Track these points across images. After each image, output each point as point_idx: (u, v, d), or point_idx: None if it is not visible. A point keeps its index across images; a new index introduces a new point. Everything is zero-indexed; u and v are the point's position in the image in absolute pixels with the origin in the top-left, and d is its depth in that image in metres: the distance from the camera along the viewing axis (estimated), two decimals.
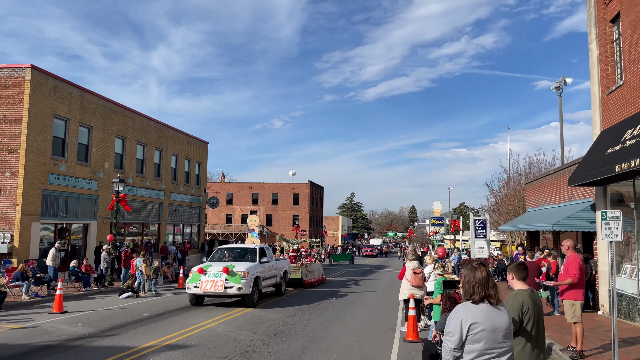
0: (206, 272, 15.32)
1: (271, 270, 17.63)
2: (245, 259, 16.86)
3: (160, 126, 31.67)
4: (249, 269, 15.44)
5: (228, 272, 15.08)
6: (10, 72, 20.54)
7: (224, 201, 74.00)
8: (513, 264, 4.98)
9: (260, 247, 17.86)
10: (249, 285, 15.10)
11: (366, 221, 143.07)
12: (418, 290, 11.38)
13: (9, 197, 20.10)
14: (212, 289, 14.87)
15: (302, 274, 21.93)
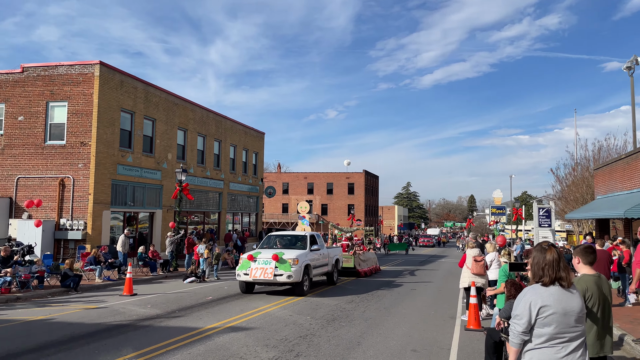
0: (256, 259, 14.94)
1: (322, 259, 17.15)
2: (296, 246, 16.32)
3: (219, 118, 32.54)
4: (299, 257, 14.95)
5: (277, 259, 14.63)
6: (80, 69, 21.74)
7: (280, 191, 75.15)
8: (580, 246, 4.74)
9: (310, 234, 17.29)
10: (298, 273, 14.68)
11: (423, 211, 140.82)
12: (479, 278, 11.10)
13: (82, 187, 21.39)
14: (261, 277, 14.54)
15: (355, 262, 21.34)
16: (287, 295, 14.96)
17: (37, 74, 22.19)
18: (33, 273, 15.39)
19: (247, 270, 14.83)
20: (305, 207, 25.65)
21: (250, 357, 8.04)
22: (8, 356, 7.93)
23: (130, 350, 8.33)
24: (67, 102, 21.73)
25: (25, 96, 22.19)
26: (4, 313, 11.85)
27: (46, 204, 21.38)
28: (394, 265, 29.93)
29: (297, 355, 8.16)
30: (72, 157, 21.53)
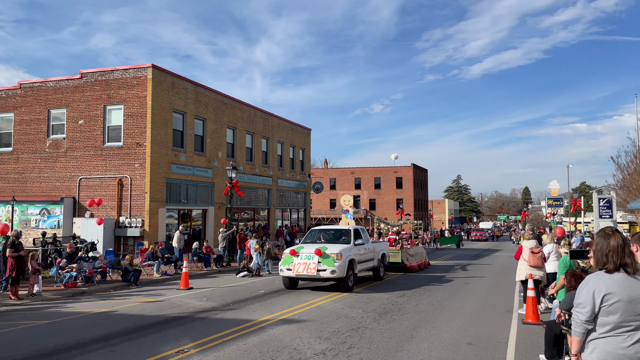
0: (298, 254, 14.57)
1: (367, 253, 16.59)
2: (339, 241, 15.91)
3: (266, 115, 33.01)
4: (342, 251, 14.45)
5: (320, 254, 14.20)
6: (134, 73, 22.64)
7: (328, 186, 75.39)
8: (638, 234, 4.48)
9: (354, 228, 16.75)
10: (342, 268, 14.16)
11: (474, 204, 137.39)
12: (537, 271, 10.73)
13: (139, 186, 22.30)
14: (304, 272, 14.13)
15: (403, 257, 20.64)
16: (333, 291, 14.68)
17: (94, 79, 23.29)
18: (96, 268, 16.22)
19: (290, 265, 14.51)
20: (349, 200, 24.51)
21: (304, 348, 8.14)
22: (77, 345, 8.40)
23: (189, 341, 8.63)
24: (122, 105, 22.69)
25: (85, 101, 23.35)
26: (71, 306, 12.56)
27: (106, 202, 22.44)
28: (446, 259, 29.39)
29: (350, 347, 8.19)
30: (129, 158, 22.48)
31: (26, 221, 23.54)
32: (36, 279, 13.93)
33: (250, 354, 7.80)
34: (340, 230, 16.90)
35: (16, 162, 24.58)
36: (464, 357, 7.62)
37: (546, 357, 7.11)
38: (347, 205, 24.51)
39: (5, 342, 8.71)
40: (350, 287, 14.65)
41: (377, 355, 7.71)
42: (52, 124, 24.06)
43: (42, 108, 24.17)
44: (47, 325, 10.15)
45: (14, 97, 24.77)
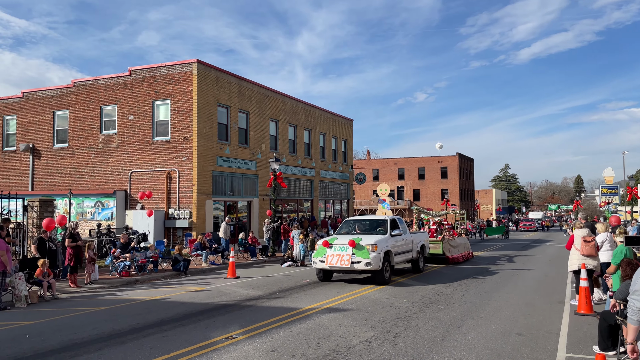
0: (332, 246, 14.05)
1: (405, 245, 15.93)
2: (375, 231, 15.27)
3: (308, 107, 33.14)
4: (378, 243, 13.81)
5: (355, 245, 13.64)
6: (180, 68, 23.23)
7: (370, 177, 75.02)
8: None
9: (391, 218, 15.99)
10: (378, 260, 13.55)
11: (523, 194, 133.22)
12: (590, 260, 10.33)
13: (186, 179, 22.95)
14: (337, 264, 13.62)
15: (444, 248, 19.84)
16: (369, 284, 14.12)
17: (142, 75, 24.07)
18: (148, 258, 16.86)
19: (323, 257, 14.00)
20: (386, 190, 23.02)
21: (349, 336, 8.20)
22: (132, 330, 8.81)
23: (237, 327, 8.87)
24: (169, 100, 23.36)
25: (134, 97, 24.19)
26: (125, 293, 13.14)
27: (156, 195, 23.24)
28: (492, 250, 28.72)
29: (396, 336, 8.18)
30: (177, 152, 23.15)
31: (82, 213, 24.72)
32: (92, 268, 14.64)
33: (297, 340, 7.93)
34: (377, 220, 16.24)
35: (72, 157, 25.80)
36: (513, 348, 7.47)
37: (600, 349, 6.87)
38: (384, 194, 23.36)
39: (67, 326, 9.23)
40: (387, 279, 14.04)
41: (423, 344, 7.67)
42: (104, 120, 25.07)
43: (94, 105, 25.22)
44: (104, 311, 10.67)
45: (69, 95, 25.96)
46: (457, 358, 6.94)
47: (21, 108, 27.33)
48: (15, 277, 11.64)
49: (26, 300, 11.63)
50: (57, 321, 9.70)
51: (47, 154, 26.55)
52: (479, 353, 7.19)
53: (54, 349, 7.62)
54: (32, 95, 27.08)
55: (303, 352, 7.29)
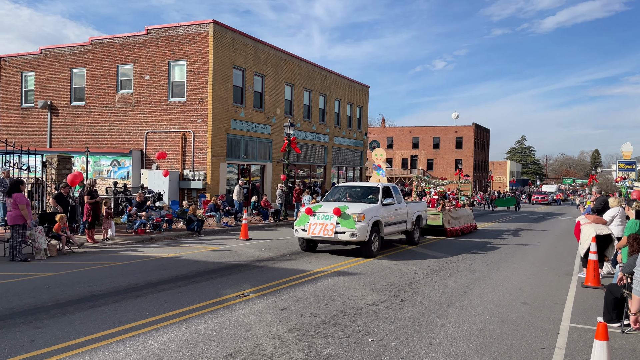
0: (315, 214, 12.93)
1: (399, 215, 14.74)
2: (366, 199, 14.15)
3: (324, 72, 32.79)
4: (366, 212, 12.73)
5: (340, 214, 12.51)
6: (196, 29, 23.04)
7: (384, 145, 74.62)
8: None
9: (384, 186, 14.72)
10: (364, 231, 12.47)
11: (538, 166, 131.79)
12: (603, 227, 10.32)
13: (201, 141, 23.11)
14: (320, 234, 12.56)
15: (444, 220, 18.60)
16: (355, 256, 13.02)
17: (159, 35, 23.94)
18: (163, 217, 17.22)
19: (305, 225, 12.90)
20: (381, 154, 20.29)
21: (357, 298, 8.41)
22: (148, 285, 9.12)
23: (249, 286, 9.14)
24: (185, 61, 23.28)
25: (150, 57, 24.13)
26: (141, 250, 13.51)
27: (171, 156, 23.49)
28: (502, 222, 28.70)
29: (403, 300, 8.37)
30: (192, 113, 23.24)
31: (99, 171, 25.14)
32: (109, 224, 15.02)
33: (306, 301, 8.16)
34: (368, 187, 15.00)
35: (89, 116, 26.05)
36: (517, 315, 7.62)
37: (604, 320, 6.97)
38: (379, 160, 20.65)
39: (85, 279, 9.58)
40: (374, 252, 13.03)
41: (429, 309, 7.85)
42: (120, 79, 25.14)
43: (111, 64, 25.24)
44: (120, 266, 11.03)
45: (86, 53, 25.99)
46: (461, 323, 7.11)
47: (39, 65, 27.48)
48: (35, 231, 12.02)
49: (45, 253, 12.04)
50: (75, 274, 10.07)
51: (65, 111, 26.83)
52: (483, 319, 7.35)
53: (72, 299, 7.95)
54: (50, 52, 27.16)
55: (312, 311, 7.52)
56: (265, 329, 6.58)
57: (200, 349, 5.79)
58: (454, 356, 5.79)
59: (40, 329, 6.35)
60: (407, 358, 5.70)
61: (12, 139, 24.47)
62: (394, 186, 15.25)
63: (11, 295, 8.07)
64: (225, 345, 5.93)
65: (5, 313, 7.05)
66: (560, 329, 6.99)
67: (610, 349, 4.58)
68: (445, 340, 6.36)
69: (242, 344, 5.99)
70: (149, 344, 5.92)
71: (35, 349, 5.63)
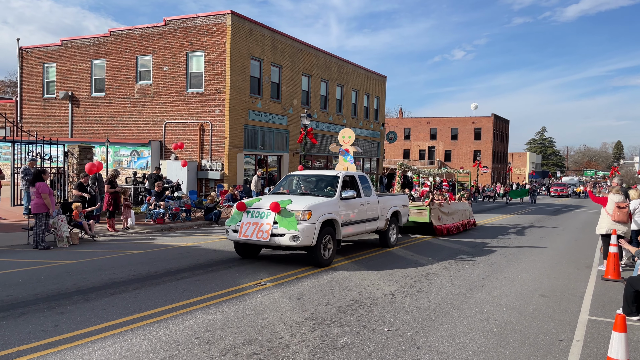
0: (249, 210, 10.30)
1: (366, 211, 11.96)
2: (321, 192, 11.49)
3: (341, 62, 32.63)
4: (314, 208, 10.02)
5: (279, 210, 9.85)
6: (214, 19, 23.11)
7: (402, 136, 74.24)
8: None
9: (345, 174, 11.94)
10: (310, 232, 9.74)
11: (559, 158, 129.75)
12: (621, 226, 10.19)
13: (219, 132, 23.27)
14: (253, 236, 9.89)
15: (432, 216, 15.79)
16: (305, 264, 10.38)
17: (177, 26, 24.07)
18: (181, 206, 17.44)
19: (237, 225, 10.29)
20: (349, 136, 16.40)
21: (373, 289, 8.44)
22: (167, 273, 9.28)
23: (266, 275, 9.24)
24: (203, 52, 23.39)
25: (168, 48, 24.30)
26: (160, 239, 13.73)
27: (189, 146, 23.71)
28: (520, 214, 28.35)
29: (419, 291, 8.38)
30: (210, 104, 23.38)
31: (119, 161, 25.51)
32: (129, 214, 15.27)
33: (322, 290, 8.22)
34: (326, 177, 12.07)
35: (109, 107, 26.40)
36: (535, 308, 7.56)
37: (624, 313, 6.88)
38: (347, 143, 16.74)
39: (106, 266, 9.78)
40: (326, 259, 10.25)
41: (445, 300, 7.84)
42: (139, 70, 25.38)
43: (130, 55, 25.49)
44: (140, 254, 11.23)
45: (106, 45, 26.28)
46: (478, 314, 7.09)
47: (60, 56, 27.88)
48: (57, 219, 12.29)
49: (68, 241, 12.31)
50: (96, 261, 10.28)
51: (85, 102, 27.22)
52: (500, 311, 7.32)
53: (94, 286, 8.13)
54: (71, 44, 27.53)
55: (328, 301, 7.57)
56: (281, 318, 6.66)
57: (218, 335, 5.89)
58: (470, 347, 5.79)
59: (64, 315, 6.52)
60: (423, 348, 5.72)
61: (34, 129, 24.96)
62: (361, 175, 12.59)
63: (35, 282, 8.29)
64: (242, 332, 6.02)
65: (29, 299, 7.25)
66: (579, 322, 6.93)
67: (629, 342, 4.53)
68: (462, 331, 6.36)
69: (259, 331, 6.08)
70: (169, 330, 6.04)
71: (58, 333, 5.79)
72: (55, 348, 5.34)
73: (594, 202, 10.96)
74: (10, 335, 5.67)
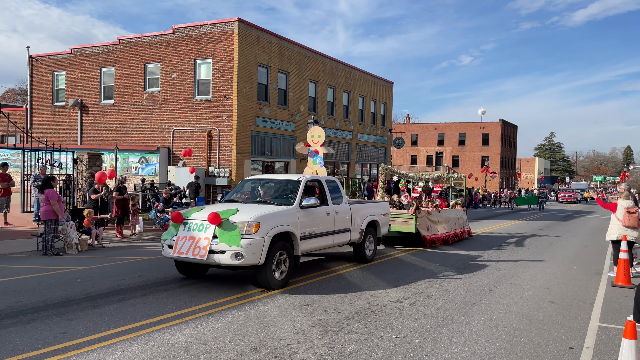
0: (186, 222, 8.73)
1: (335, 221, 10.30)
2: (280, 199, 9.84)
3: (348, 69, 32.71)
4: (263, 219, 8.36)
5: (219, 222, 8.25)
6: (222, 27, 23.27)
7: (409, 142, 74.11)
8: None
9: (309, 179, 10.24)
10: (257, 249, 8.12)
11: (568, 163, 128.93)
12: (632, 232, 10.08)
13: (226, 138, 23.36)
14: (189, 254, 8.29)
15: (419, 225, 14.34)
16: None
17: (185, 34, 24.27)
18: None
19: (173, 239, 8.75)
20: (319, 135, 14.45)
21: (381, 295, 8.40)
22: (175, 280, 9.29)
23: None
24: (211, 59, 23.54)
25: (177, 55, 24.49)
26: None
27: (197, 153, 23.82)
28: (529, 220, 28.16)
29: (427, 297, 8.33)
30: (217, 111, 23.51)
31: (127, 168, 25.67)
32: (137, 220, 15.35)
33: (330, 297, 8.20)
34: (286, 182, 10.40)
35: (117, 114, 26.61)
36: (545, 315, 7.49)
37: (634, 320, 6.80)
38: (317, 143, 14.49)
39: (114, 273, 9.82)
40: (279, 281, 8.65)
41: (453, 306, 7.79)
42: (148, 77, 25.59)
43: (139, 62, 25.71)
44: (148, 261, 11.27)
45: (114, 52, 26.53)
46: (487, 321, 7.04)
47: (70, 64, 28.18)
48: (66, 226, 12.37)
49: (77, 248, 12.39)
50: (105, 268, 10.33)
51: (95, 109, 27.46)
52: (509, 318, 7.26)
53: (103, 292, 8.16)
54: (80, 52, 27.82)
55: (335, 307, 7.55)
56: (289, 324, 6.65)
57: (225, 342, 5.89)
58: (479, 354, 5.75)
59: (72, 321, 6.55)
60: (431, 355, 5.68)
61: (44, 136, 25.21)
62: (329, 179, 10.88)
63: (44, 288, 8.34)
64: (250, 339, 6.02)
65: (38, 305, 7.29)
66: (589, 329, 6.85)
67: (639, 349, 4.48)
68: (470, 338, 6.31)
69: (267, 338, 6.07)
70: (176, 336, 6.05)
71: (67, 340, 5.82)
72: (64, 354, 5.36)
73: (604, 209, 10.85)
74: (19, 342, 5.70)
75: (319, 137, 14.23)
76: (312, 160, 14.03)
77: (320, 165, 13.87)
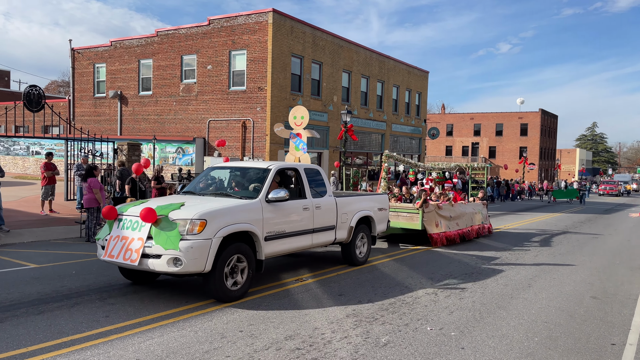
0: (120, 219, 7.30)
1: (314, 217, 8.66)
2: (244, 191, 8.30)
3: (382, 58, 32.36)
4: (210, 215, 6.83)
5: (155, 219, 6.82)
6: (256, 18, 23.38)
7: (444, 132, 72.95)
8: None
9: (280, 167, 8.62)
10: (201, 253, 6.63)
11: (611, 155, 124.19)
12: None
13: (260, 129, 23.56)
14: (119, 257, 6.92)
15: (426, 221, 12.69)
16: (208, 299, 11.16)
17: (220, 25, 24.51)
18: None
19: (106, 239, 7.32)
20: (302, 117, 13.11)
21: (416, 287, 8.34)
22: None
23: (307, 272, 9.29)
24: (245, 50, 23.73)
25: (212, 47, 24.79)
26: None
27: (231, 143, 24.13)
28: (569, 212, 27.31)
29: (463, 290, 8.22)
30: (251, 101, 23.71)
31: (165, 158, 26.28)
32: None
33: (363, 287, 8.20)
34: (253, 170, 8.80)
35: (155, 105, 27.21)
36: (586, 310, 7.28)
37: None
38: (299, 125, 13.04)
39: None
40: (234, 291, 7.09)
41: (490, 300, 7.66)
42: (184, 69, 26.02)
43: (175, 54, 26.16)
44: None
45: (152, 45, 27.08)
46: (525, 315, 6.89)
47: (110, 56, 28.94)
48: None
49: None
50: None
51: (133, 101, 28.15)
52: (549, 313, 7.09)
53: None
54: (120, 44, 28.51)
55: (369, 298, 7.54)
56: (323, 313, 6.68)
57: (261, 329, 5.97)
58: (517, 349, 5.64)
59: (114, 305, 6.78)
60: (467, 348, 5.61)
61: (86, 127, 26.04)
62: (309, 168, 9.19)
63: (87, 274, 8.66)
64: (284, 327, 6.09)
65: (82, 290, 7.58)
66: (632, 325, 6.62)
67: None
68: (508, 332, 6.20)
69: (301, 327, 6.12)
70: (213, 323, 6.17)
71: (109, 324, 6.02)
72: (106, 337, 5.56)
73: None
74: (64, 325, 5.94)
75: (302, 119, 12.60)
76: (294, 145, 12.30)
77: (303, 152, 12.31)
